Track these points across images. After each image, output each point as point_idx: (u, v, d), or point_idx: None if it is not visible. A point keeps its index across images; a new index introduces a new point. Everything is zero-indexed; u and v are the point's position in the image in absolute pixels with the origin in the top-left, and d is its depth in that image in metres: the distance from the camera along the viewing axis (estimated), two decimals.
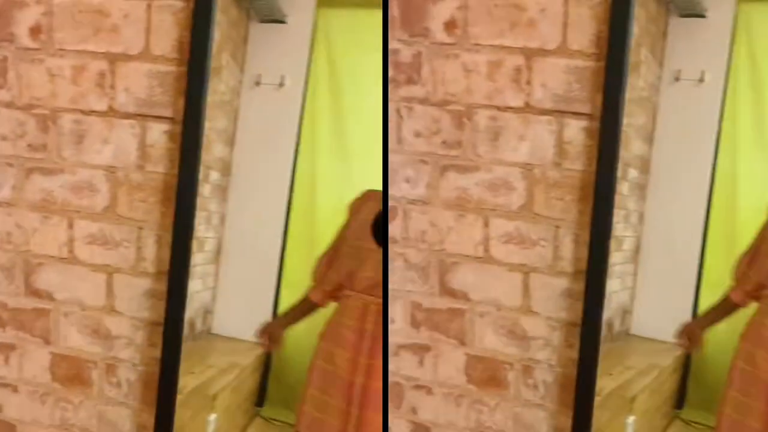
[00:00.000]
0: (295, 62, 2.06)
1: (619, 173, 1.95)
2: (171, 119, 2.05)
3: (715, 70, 2.01)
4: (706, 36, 2.01)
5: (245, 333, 2.15)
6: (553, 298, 2.08)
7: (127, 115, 2.09)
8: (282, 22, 2.06)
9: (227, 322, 2.14)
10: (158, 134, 2.06)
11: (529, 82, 2.03)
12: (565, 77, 2.01)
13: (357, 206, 2.04)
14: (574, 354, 2.07)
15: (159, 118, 2.06)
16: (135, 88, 2.07)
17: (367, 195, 2.04)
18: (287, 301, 2.12)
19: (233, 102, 2.05)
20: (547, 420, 2.11)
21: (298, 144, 2.08)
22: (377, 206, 1.98)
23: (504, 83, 2.03)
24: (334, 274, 2.03)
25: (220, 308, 2.12)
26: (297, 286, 2.09)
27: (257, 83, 2.06)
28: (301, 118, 2.07)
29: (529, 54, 2.02)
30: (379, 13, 1.96)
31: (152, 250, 2.11)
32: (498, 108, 2.04)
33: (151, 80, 2.06)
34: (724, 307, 2.00)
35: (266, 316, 2.13)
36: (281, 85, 2.07)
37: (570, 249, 2.05)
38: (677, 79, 2.01)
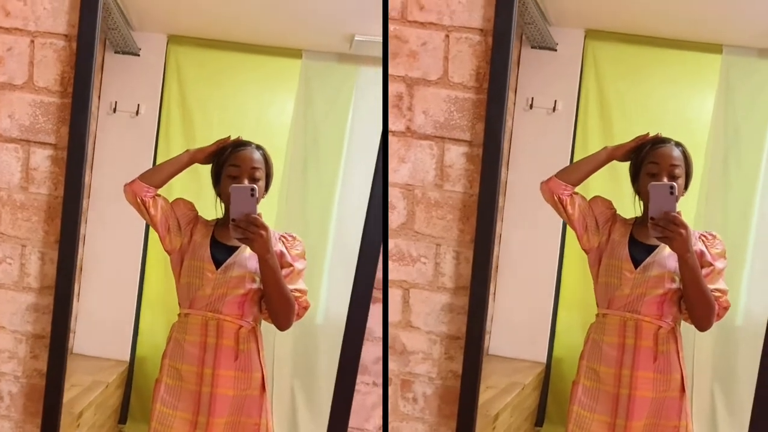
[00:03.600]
0: (149, 92, 2.20)
1: None
2: (54, 145, 2.17)
3: (567, 99, 2.15)
4: (557, 68, 2.15)
5: (107, 351, 2.24)
6: (434, 313, 2.19)
7: (11, 140, 2.20)
8: (136, 54, 2.20)
9: (89, 341, 2.22)
10: (41, 158, 2.18)
11: (410, 108, 2.16)
12: (446, 106, 2.15)
13: (194, 217, 2.14)
14: (455, 366, 2.18)
15: (42, 143, 2.17)
16: (19, 115, 2.19)
17: (198, 219, 2.14)
18: (148, 320, 2.23)
19: (91, 128, 2.15)
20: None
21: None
22: (206, 233, 2.11)
23: None
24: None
25: (82, 328, 2.20)
26: (157, 305, 2.21)
27: (113, 110, 2.19)
28: (156, 143, 2.20)
29: (411, 83, 2.15)
30: (223, 54, 2.18)
31: (36, 267, 2.20)
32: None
33: (35, 109, 2.17)
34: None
35: (127, 334, 2.22)
36: (137, 113, 2.20)
37: (451, 266, 2.17)
38: (531, 106, 2.14)
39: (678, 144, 2.05)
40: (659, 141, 2.05)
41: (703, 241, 2.05)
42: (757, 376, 2.08)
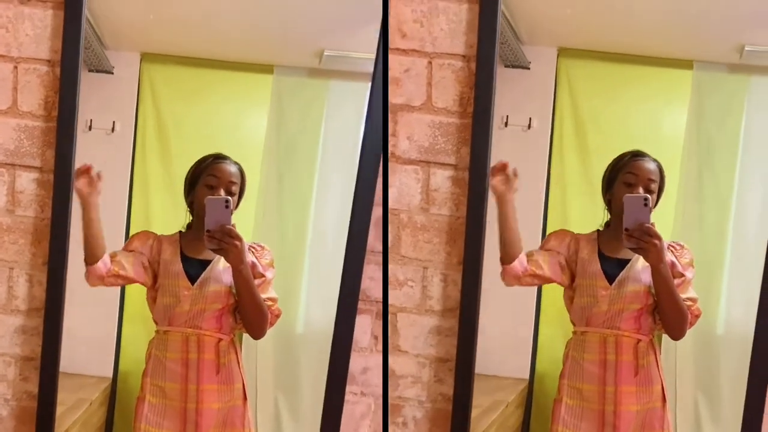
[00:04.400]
0: (124, 109, 2.22)
1: None
2: (39, 168, 2.20)
3: (541, 116, 2.18)
4: (531, 85, 2.18)
5: (89, 368, 2.25)
6: (422, 335, 2.21)
7: None
8: (110, 72, 2.22)
9: (72, 358, 2.23)
10: (27, 181, 2.21)
11: (394, 134, 2.19)
12: (430, 131, 2.18)
13: (155, 245, 2.16)
14: (444, 389, 2.19)
15: (28, 167, 2.21)
16: (3, 139, 2.22)
17: (158, 237, 2.17)
18: (130, 335, 2.24)
19: None
20: None
21: (131, 184, 2.23)
22: (173, 251, 2.14)
23: None
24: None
25: (65, 345, 2.20)
26: (139, 320, 2.21)
27: (89, 128, 2.21)
28: (133, 159, 2.23)
29: (395, 109, 2.18)
30: (196, 71, 2.22)
31: (24, 289, 2.23)
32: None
33: (19, 133, 2.21)
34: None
35: (110, 350, 2.24)
36: (112, 130, 2.23)
37: (438, 288, 2.19)
38: (506, 124, 2.16)
39: (654, 160, 2.08)
40: (637, 154, 2.08)
41: (672, 251, 2.08)
42: (747, 386, 2.11)
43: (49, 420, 2.19)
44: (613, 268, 2.07)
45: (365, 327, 2.19)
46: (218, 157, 2.13)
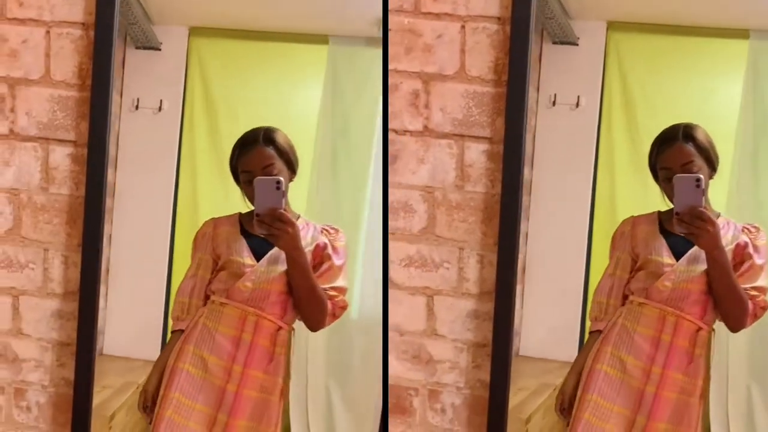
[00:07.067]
0: (172, 87, 2.18)
1: None
2: (74, 142, 2.15)
3: (590, 94, 2.10)
4: (580, 62, 2.11)
5: (137, 352, 2.20)
6: (459, 319, 2.13)
7: (29, 138, 2.18)
8: (157, 49, 2.18)
9: (119, 341, 2.19)
10: (61, 157, 2.16)
11: (427, 106, 2.11)
12: (464, 102, 2.10)
13: (210, 232, 2.09)
14: (482, 375, 2.11)
15: (62, 141, 2.15)
16: (36, 111, 2.17)
17: (209, 223, 2.10)
18: None
19: (114, 125, 2.15)
20: None
21: (178, 165, 2.18)
22: (232, 229, 2.06)
23: (401, 106, 2.12)
24: (196, 300, 2.07)
25: (111, 328, 2.17)
26: None
27: (136, 107, 2.17)
28: (180, 140, 2.18)
29: (427, 79, 2.11)
30: (247, 44, 2.16)
31: (59, 271, 2.18)
32: (396, 131, 2.12)
33: (52, 105, 2.15)
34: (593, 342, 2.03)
35: (157, 333, 2.18)
36: (159, 109, 2.18)
37: (475, 270, 2.10)
38: (554, 103, 2.10)
39: (687, 135, 1.96)
40: (665, 138, 1.97)
41: (746, 233, 1.96)
42: None
43: (85, 407, 2.13)
44: (681, 245, 1.96)
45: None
46: (244, 145, 2.04)
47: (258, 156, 2.02)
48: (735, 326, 1.96)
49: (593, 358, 1.98)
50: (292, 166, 2.04)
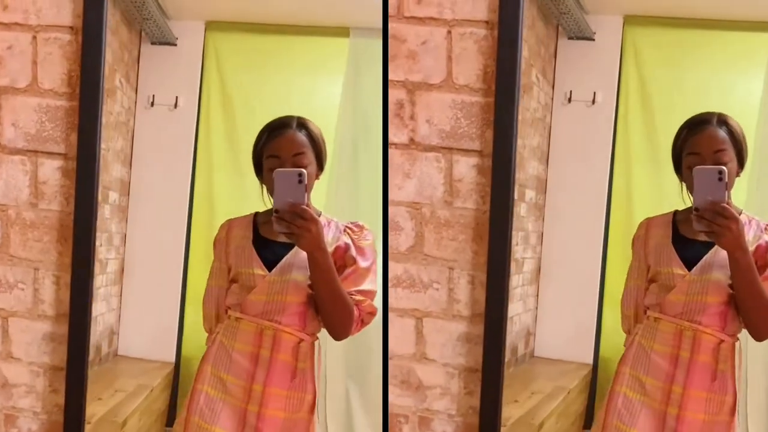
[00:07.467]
0: (187, 83, 2.11)
1: (516, 195, 1.95)
2: (63, 155, 2.02)
3: (606, 90, 2.05)
4: (596, 58, 2.05)
5: (152, 353, 2.14)
6: (449, 343, 2.02)
7: (16, 151, 2.05)
8: (173, 44, 2.10)
9: (133, 342, 2.13)
10: (50, 170, 2.03)
11: (413, 117, 1.99)
12: (452, 112, 1.97)
13: (223, 238, 1.94)
14: (475, 401, 2.00)
15: (51, 153, 2.03)
16: (23, 122, 2.04)
17: (224, 227, 1.95)
18: (194, 319, 2.07)
19: (129, 122, 2.07)
20: None
21: (194, 161, 2.10)
22: (244, 234, 1.91)
23: None
24: (223, 311, 1.94)
25: (126, 329, 2.12)
26: (201, 302, 2.03)
27: (151, 104, 2.10)
28: (196, 137, 2.11)
29: (412, 88, 1.98)
30: (265, 38, 2.07)
31: (50, 292, 2.06)
32: None
33: (40, 115, 2.02)
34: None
35: (172, 334, 2.12)
36: (175, 105, 2.11)
37: (466, 291, 1.99)
38: (569, 100, 2.04)
39: (721, 121, 1.79)
40: (697, 122, 1.79)
41: None
42: None
43: None
44: (694, 252, 1.81)
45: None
46: (275, 128, 1.84)
47: (289, 141, 1.82)
48: (762, 335, 1.80)
49: (614, 378, 1.87)
50: (321, 161, 1.87)
